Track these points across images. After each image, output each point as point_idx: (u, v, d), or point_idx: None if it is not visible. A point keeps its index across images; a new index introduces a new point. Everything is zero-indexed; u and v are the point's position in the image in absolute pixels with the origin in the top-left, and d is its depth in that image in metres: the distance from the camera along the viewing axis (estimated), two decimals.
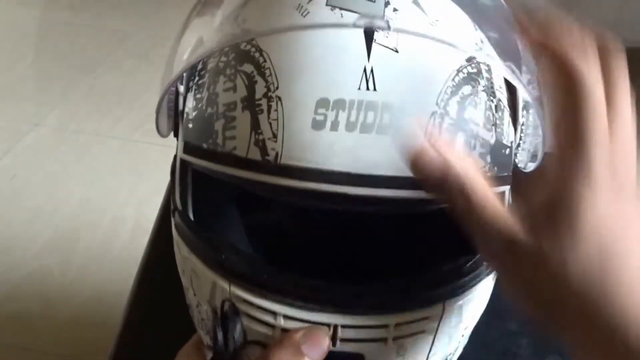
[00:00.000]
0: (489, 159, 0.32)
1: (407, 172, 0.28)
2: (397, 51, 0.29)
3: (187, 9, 0.39)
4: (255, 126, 0.29)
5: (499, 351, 0.45)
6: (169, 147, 0.37)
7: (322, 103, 0.28)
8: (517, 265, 0.27)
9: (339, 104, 0.28)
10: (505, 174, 0.33)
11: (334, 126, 0.28)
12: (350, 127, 0.28)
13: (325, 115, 0.28)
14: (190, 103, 0.34)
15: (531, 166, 0.38)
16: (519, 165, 0.36)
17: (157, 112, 0.37)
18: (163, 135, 0.39)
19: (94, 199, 1.34)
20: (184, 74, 0.35)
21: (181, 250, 0.33)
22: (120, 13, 2.22)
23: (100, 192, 1.36)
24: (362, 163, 0.28)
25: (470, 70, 0.31)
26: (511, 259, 0.27)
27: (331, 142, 0.28)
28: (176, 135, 0.37)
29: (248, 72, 0.30)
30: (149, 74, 1.83)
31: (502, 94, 0.34)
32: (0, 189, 1.36)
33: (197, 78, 0.34)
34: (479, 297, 0.32)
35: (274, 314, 0.29)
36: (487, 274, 0.32)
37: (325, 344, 0.29)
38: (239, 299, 0.30)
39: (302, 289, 0.29)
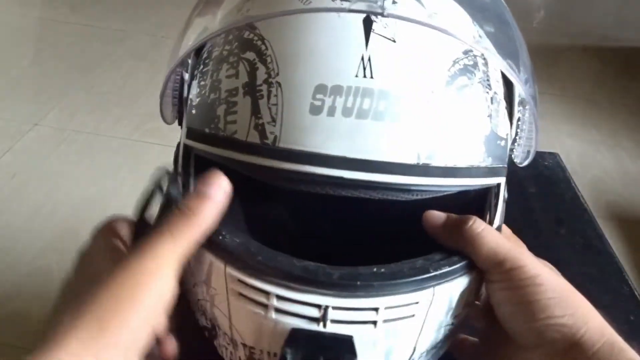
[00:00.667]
0: (483, 149, 0.32)
1: (400, 159, 0.30)
2: (394, 41, 0.30)
3: (187, 9, 0.39)
4: (256, 111, 0.30)
5: None
6: (169, 147, 0.37)
7: (320, 89, 0.29)
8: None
9: (337, 90, 0.29)
10: (500, 165, 0.34)
11: (331, 111, 0.29)
12: (346, 112, 0.29)
13: (323, 101, 0.29)
14: (195, 90, 0.35)
15: (526, 162, 0.39)
16: (515, 161, 0.37)
17: (161, 97, 0.38)
18: (167, 122, 0.40)
19: (94, 199, 1.34)
20: (190, 63, 0.36)
21: None
22: (120, 13, 2.22)
23: (100, 191, 1.36)
24: (358, 148, 0.29)
25: (467, 63, 0.32)
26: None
27: (328, 126, 0.29)
28: (180, 123, 0.38)
29: (250, 59, 0.31)
30: (149, 74, 1.83)
31: (499, 88, 0.35)
32: (0, 188, 1.36)
33: (201, 66, 0.35)
34: (470, 286, 0.33)
35: (267, 294, 0.29)
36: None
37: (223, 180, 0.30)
38: (233, 278, 0.30)
39: (294, 269, 0.29)
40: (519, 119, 0.37)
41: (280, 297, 0.29)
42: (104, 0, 2.33)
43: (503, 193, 0.35)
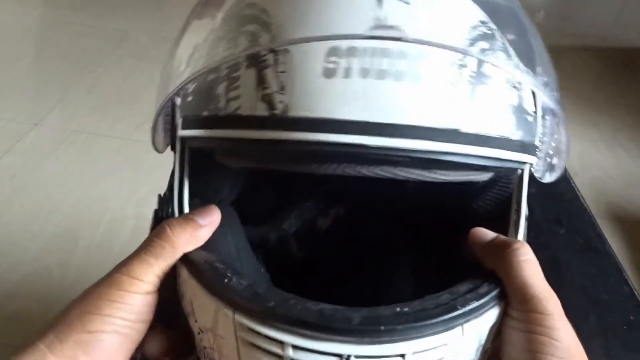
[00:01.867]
0: (513, 119, 0.30)
1: (427, 122, 0.27)
2: (408, 3, 0.29)
3: (187, 9, 0.39)
4: (261, 81, 0.28)
5: None
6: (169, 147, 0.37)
7: (333, 51, 0.27)
8: None
9: (351, 51, 0.27)
10: (532, 141, 0.31)
11: (347, 73, 0.27)
12: (364, 73, 0.27)
13: (337, 63, 0.27)
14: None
15: (548, 177, 0.36)
16: (535, 175, 0.34)
17: (153, 129, 0.35)
18: (159, 149, 0.37)
19: (94, 199, 1.34)
20: (177, 54, 0.35)
21: (180, 272, 0.31)
22: (120, 13, 2.22)
23: (100, 192, 1.36)
24: (380, 110, 0.26)
25: (486, 31, 0.30)
26: None
27: (345, 89, 0.27)
28: (173, 148, 0.35)
29: (252, 31, 0.29)
30: (149, 74, 1.83)
31: (519, 62, 0.32)
32: (0, 188, 1.36)
33: (196, 54, 0.33)
34: (499, 317, 0.29)
35: (281, 343, 0.26)
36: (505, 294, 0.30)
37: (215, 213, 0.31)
38: (243, 326, 0.27)
39: (310, 316, 0.26)
40: (542, 125, 0.34)
41: (296, 347, 0.26)
42: (104, 0, 2.33)
43: (527, 181, 0.33)
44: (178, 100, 0.33)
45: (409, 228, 0.42)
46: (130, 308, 0.28)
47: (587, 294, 0.51)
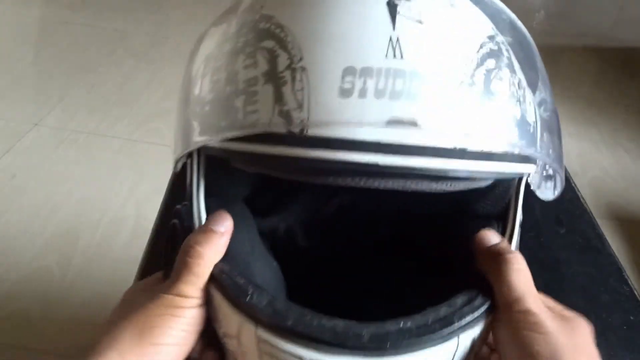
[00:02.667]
0: (517, 132, 0.31)
1: (437, 142, 0.29)
2: (421, 22, 0.30)
3: (187, 9, 0.39)
4: (279, 98, 0.29)
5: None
6: (169, 147, 0.37)
7: (349, 71, 0.28)
8: None
9: (366, 71, 0.28)
10: (532, 151, 0.33)
11: (362, 93, 0.28)
12: (379, 94, 0.28)
13: (353, 83, 0.28)
14: (207, 87, 0.33)
15: (545, 189, 0.39)
16: (531, 187, 0.36)
17: (177, 166, 0.38)
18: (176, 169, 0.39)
19: (93, 199, 1.34)
20: (196, 60, 0.36)
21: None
22: (120, 13, 2.22)
23: (100, 192, 1.36)
24: (393, 131, 0.28)
25: (492, 47, 0.31)
26: None
27: (360, 109, 0.28)
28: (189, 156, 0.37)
29: (269, 48, 0.30)
30: (149, 74, 1.83)
31: (522, 75, 0.33)
32: (0, 188, 1.36)
33: (212, 62, 0.34)
34: (488, 324, 0.32)
35: (300, 358, 0.29)
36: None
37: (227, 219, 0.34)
38: (265, 341, 0.30)
39: (324, 334, 0.29)
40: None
41: None
42: (104, 0, 2.33)
43: (537, 180, 0.35)
44: (197, 108, 0.34)
45: (409, 217, 0.44)
46: (188, 321, 0.31)
47: (587, 294, 0.51)
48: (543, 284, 0.32)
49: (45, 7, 2.28)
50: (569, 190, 0.65)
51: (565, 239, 0.58)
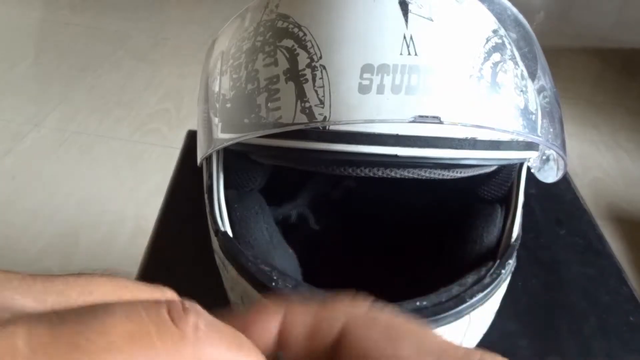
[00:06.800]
0: (521, 120, 0.33)
1: (451, 133, 0.31)
2: (432, 20, 0.31)
3: (187, 9, 0.40)
4: (301, 95, 0.31)
5: (498, 352, 0.45)
6: (169, 148, 0.38)
7: (367, 68, 0.30)
8: None
9: (383, 68, 0.30)
10: (535, 137, 0.35)
11: (380, 89, 0.30)
12: (395, 89, 0.30)
13: (371, 80, 0.30)
14: (227, 84, 0.35)
15: (544, 172, 0.40)
16: (531, 170, 0.38)
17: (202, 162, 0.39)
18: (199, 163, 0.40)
19: (94, 200, 1.34)
20: (214, 56, 0.37)
21: (229, 270, 0.35)
22: (120, 13, 2.22)
23: (100, 192, 1.36)
24: (412, 125, 0.30)
25: (497, 41, 0.33)
26: None
27: (378, 104, 0.29)
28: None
29: (289, 47, 0.32)
30: (149, 75, 1.83)
31: (523, 66, 0.36)
32: (0, 189, 1.36)
33: (231, 60, 0.35)
34: (497, 300, 0.34)
35: None
36: (505, 278, 0.34)
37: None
38: None
39: None
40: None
41: None
42: (104, 0, 2.34)
43: (538, 163, 0.38)
44: (217, 105, 0.36)
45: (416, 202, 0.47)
46: None
47: (587, 295, 0.51)
48: (543, 285, 0.32)
49: (46, 9, 2.28)
50: (569, 191, 0.65)
51: (565, 240, 0.58)
